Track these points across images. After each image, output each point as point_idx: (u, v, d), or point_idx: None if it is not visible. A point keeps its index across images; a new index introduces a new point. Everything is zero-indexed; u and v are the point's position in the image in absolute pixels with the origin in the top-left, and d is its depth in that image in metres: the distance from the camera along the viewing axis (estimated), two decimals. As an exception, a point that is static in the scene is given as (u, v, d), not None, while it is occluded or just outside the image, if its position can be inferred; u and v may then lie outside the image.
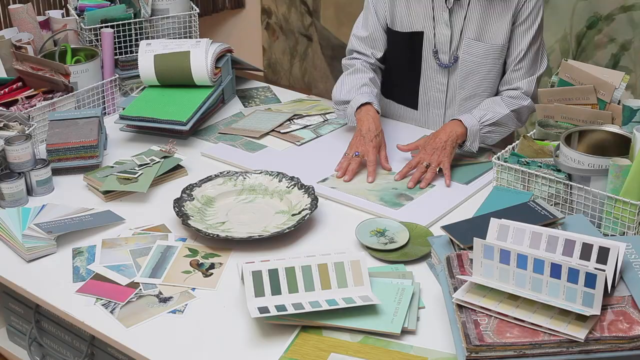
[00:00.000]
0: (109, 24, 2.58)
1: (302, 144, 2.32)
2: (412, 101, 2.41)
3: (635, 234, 1.73)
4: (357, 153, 2.14)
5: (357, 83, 2.32)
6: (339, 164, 2.16)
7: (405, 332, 1.57)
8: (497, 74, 2.29)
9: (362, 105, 2.25)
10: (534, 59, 2.26)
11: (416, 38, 2.29)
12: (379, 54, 2.37)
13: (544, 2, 2.28)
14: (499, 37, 2.22)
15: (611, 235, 1.76)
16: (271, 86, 2.76)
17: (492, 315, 1.46)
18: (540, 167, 1.87)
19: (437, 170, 2.10)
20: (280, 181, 2.05)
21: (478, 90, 2.30)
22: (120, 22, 2.59)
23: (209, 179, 2.06)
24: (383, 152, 2.19)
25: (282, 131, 2.38)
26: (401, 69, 2.39)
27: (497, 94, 2.32)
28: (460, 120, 2.18)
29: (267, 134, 2.37)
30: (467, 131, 2.16)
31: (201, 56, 2.41)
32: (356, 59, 2.39)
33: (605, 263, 1.50)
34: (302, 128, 2.40)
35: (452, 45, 2.26)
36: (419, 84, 2.35)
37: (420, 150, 2.16)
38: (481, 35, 2.23)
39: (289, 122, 2.43)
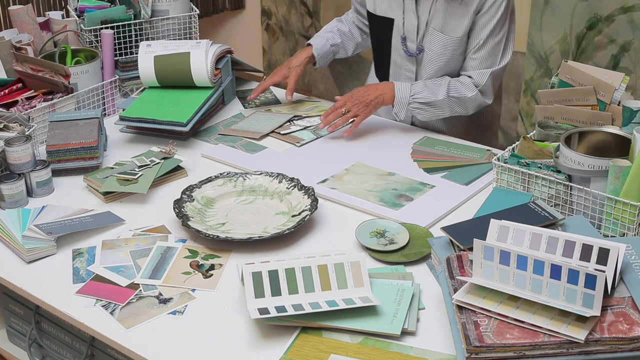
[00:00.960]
0: (109, 25, 2.58)
1: (302, 144, 2.32)
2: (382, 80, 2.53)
3: (635, 235, 1.73)
4: (265, 77, 2.48)
5: (328, 28, 2.59)
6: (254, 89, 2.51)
7: (405, 333, 1.57)
8: (458, 66, 2.36)
9: (308, 44, 2.52)
10: (492, 52, 2.30)
11: (388, 24, 2.38)
12: (364, 11, 2.53)
13: (544, 4, 2.29)
14: (459, 29, 2.28)
15: (611, 236, 1.76)
16: (271, 87, 2.76)
17: (492, 316, 1.46)
18: (540, 168, 1.87)
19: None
20: (280, 182, 2.05)
21: (440, 76, 2.38)
22: (121, 23, 2.59)
23: (209, 180, 2.06)
24: (290, 84, 2.44)
25: (282, 132, 2.39)
26: (376, 51, 2.51)
27: None
28: (394, 87, 2.32)
29: (267, 135, 2.38)
30: (395, 100, 2.31)
31: (201, 57, 2.41)
32: (350, 13, 2.61)
33: (605, 264, 1.50)
34: (302, 129, 2.41)
35: (418, 34, 2.33)
36: (389, 70, 2.46)
37: (348, 94, 2.32)
38: (443, 27, 2.29)
39: (289, 123, 2.44)
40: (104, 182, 2.07)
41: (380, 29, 2.41)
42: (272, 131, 2.39)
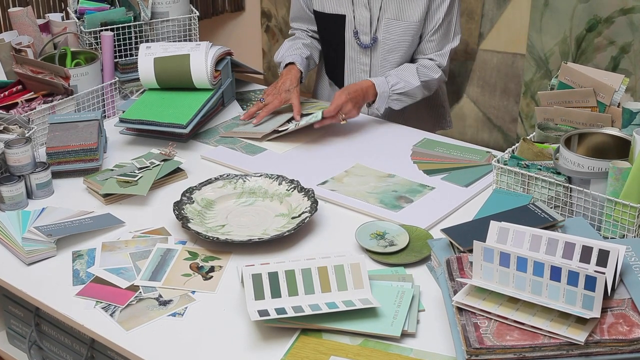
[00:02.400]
0: (109, 27, 2.58)
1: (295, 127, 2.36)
2: (338, 80, 2.60)
3: (635, 237, 1.73)
4: (262, 99, 2.43)
5: (291, 46, 2.58)
6: (246, 111, 2.47)
7: (405, 335, 1.57)
8: (413, 51, 2.47)
9: (288, 64, 2.50)
10: (447, 31, 2.44)
11: (339, 21, 2.45)
12: (314, 27, 2.59)
13: (543, 5, 2.30)
14: (416, 14, 2.37)
15: (611, 238, 1.76)
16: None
17: (492, 318, 1.46)
18: (540, 169, 1.87)
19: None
20: (280, 184, 2.05)
21: (399, 66, 2.47)
22: (120, 25, 2.59)
23: (208, 181, 2.06)
24: (296, 106, 2.38)
25: (280, 129, 2.38)
26: (328, 49, 2.58)
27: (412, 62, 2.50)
28: (374, 84, 2.37)
29: (269, 134, 2.37)
30: (377, 96, 2.38)
31: (201, 59, 2.41)
32: (296, 29, 2.67)
33: (605, 266, 1.50)
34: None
35: (372, 26, 2.41)
36: (344, 65, 2.53)
37: (338, 102, 2.32)
38: (400, 15, 2.38)
39: (288, 123, 2.43)
40: (104, 184, 2.07)
41: (330, 26, 2.48)
42: (273, 131, 2.38)
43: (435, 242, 1.75)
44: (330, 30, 2.49)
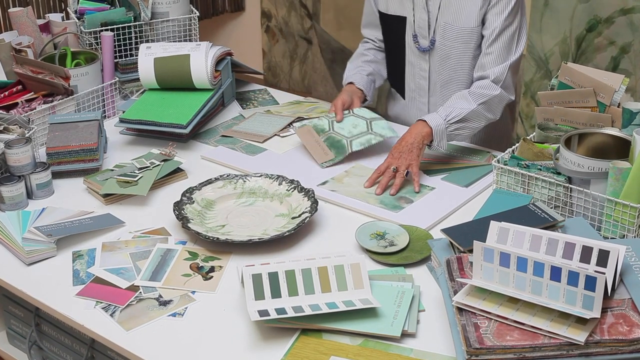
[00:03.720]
0: (109, 27, 2.58)
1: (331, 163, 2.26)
2: (400, 88, 2.48)
3: (635, 237, 1.73)
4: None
5: (352, 67, 2.49)
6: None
7: (405, 335, 1.57)
8: (472, 59, 2.29)
9: (349, 83, 2.43)
10: (508, 44, 2.23)
11: (400, 23, 2.36)
12: (381, 35, 2.49)
13: (544, 5, 2.28)
14: (471, 20, 2.24)
15: (611, 238, 1.76)
16: (268, 89, 2.77)
17: (492, 318, 1.46)
18: (540, 169, 1.87)
19: (405, 174, 2.08)
20: (280, 184, 2.05)
21: (454, 76, 2.32)
22: (120, 25, 2.59)
23: (209, 182, 2.06)
24: (338, 105, 2.31)
25: (282, 135, 2.39)
26: (390, 54, 2.48)
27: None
28: (426, 121, 2.16)
29: (270, 138, 2.37)
30: (433, 131, 2.15)
31: (201, 59, 2.41)
32: (364, 42, 2.56)
33: (605, 266, 1.50)
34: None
35: (430, 29, 2.31)
36: (405, 71, 2.43)
37: (389, 156, 2.14)
38: (455, 19, 2.26)
39: (289, 127, 2.44)
40: (104, 184, 2.07)
41: (393, 28, 2.40)
42: (274, 135, 2.39)
43: (436, 242, 1.75)
44: (392, 32, 2.41)
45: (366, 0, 2.48)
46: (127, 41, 2.62)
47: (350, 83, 2.42)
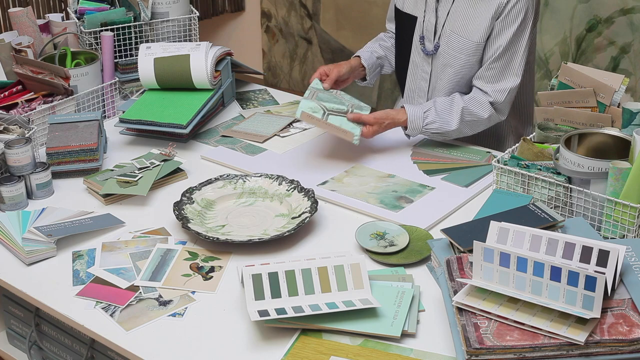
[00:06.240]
0: (109, 27, 2.58)
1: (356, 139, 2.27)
2: (401, 86, 2.50)
3: (635, 237, 1.73)
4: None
5: (368, 45, 2.55)
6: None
7: (405, 335, 1.57)
8: (472, 71, 2.28)
9: (355, 56, 2.47)
10: (510, 63, 2.22)
11: (411, 22, 2.37)
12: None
13: (543, 5, 2.28)
14: (477, 34, 2.22)
15: (611, 238, 1.76)
16: (268, 89, 2.77)
17: (492, 318, 1.46)
18: (540, 170, 1.87)
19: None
20: (280, 184, 2.05)
21: (453, 84, 2.30)
22: (120, 26, 2.60)
23: (208, 182, 2.06)
24: (332, 75, 2.32)
25: (282, 135, 2.39)
26: (398, 50, 2.48)
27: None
28: (407, 119, 2.24)
29: (270, 138, 2.37)
30: (408, 127, 2.25)
31: (201, 59, 2.41)
32: (387, 32, 2.59)
33: (605, 266, 1.50)
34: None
35: (435, 34, 2.31)
36: (407, 69, 2.43)
37: (377, 119, 2.22)
38: (461, 29, 2.25)
39: (289, 127, 2.43)
40: (104, 184, 2.07)
41: (404, 26, 2.41)
42: (274, 135, 2.39)
43: (435, 242, 1.75)
44: (403, 29, 2.42)
45: None
46: (127, 41, 2.62)
47: (357, 56, 2.45)
